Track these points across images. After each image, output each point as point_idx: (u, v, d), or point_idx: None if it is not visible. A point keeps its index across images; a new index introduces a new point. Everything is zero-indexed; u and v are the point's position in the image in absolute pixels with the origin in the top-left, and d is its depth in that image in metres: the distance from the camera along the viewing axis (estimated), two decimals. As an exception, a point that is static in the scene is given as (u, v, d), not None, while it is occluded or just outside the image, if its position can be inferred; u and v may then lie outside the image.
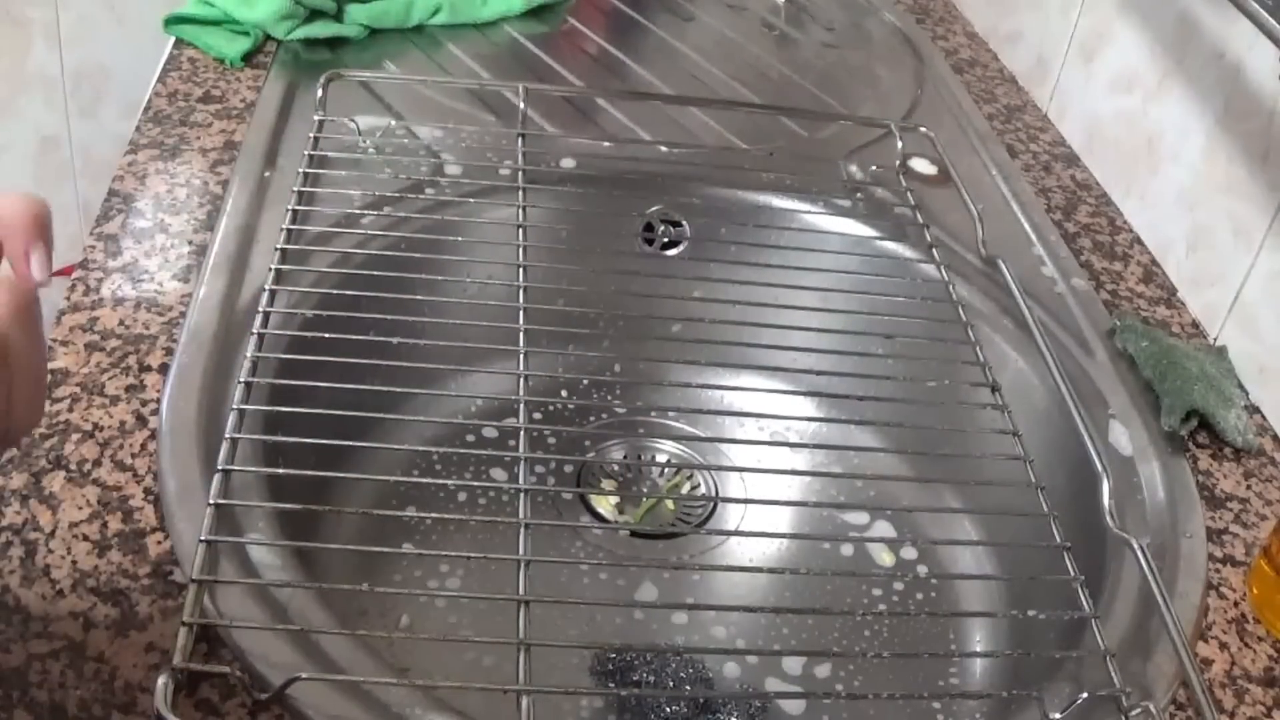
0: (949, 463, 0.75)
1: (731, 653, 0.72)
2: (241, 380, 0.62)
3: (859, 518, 0.82)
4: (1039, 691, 0.55)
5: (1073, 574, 0.60)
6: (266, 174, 0.81)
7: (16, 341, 0.43)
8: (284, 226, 0.73)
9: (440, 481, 0.78)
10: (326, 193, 0.78)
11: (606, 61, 1.05)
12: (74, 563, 0.54)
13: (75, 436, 0.61)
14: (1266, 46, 0.71)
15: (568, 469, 0.83)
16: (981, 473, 0.71)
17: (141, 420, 0.62)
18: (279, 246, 0.71)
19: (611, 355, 0.87)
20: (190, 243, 0.75)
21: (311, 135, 0.80)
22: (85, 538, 0.56)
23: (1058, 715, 0.54)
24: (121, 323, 0.68)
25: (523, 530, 0.56)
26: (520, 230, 0.75)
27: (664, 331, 0.81)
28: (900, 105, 1.05)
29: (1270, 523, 0.69)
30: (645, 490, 0.84)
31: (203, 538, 0.54)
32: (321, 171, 0.79)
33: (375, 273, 0.74)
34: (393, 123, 0.87)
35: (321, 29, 0.98)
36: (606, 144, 0.91)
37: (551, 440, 0.84)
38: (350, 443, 0.63)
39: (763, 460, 0.80)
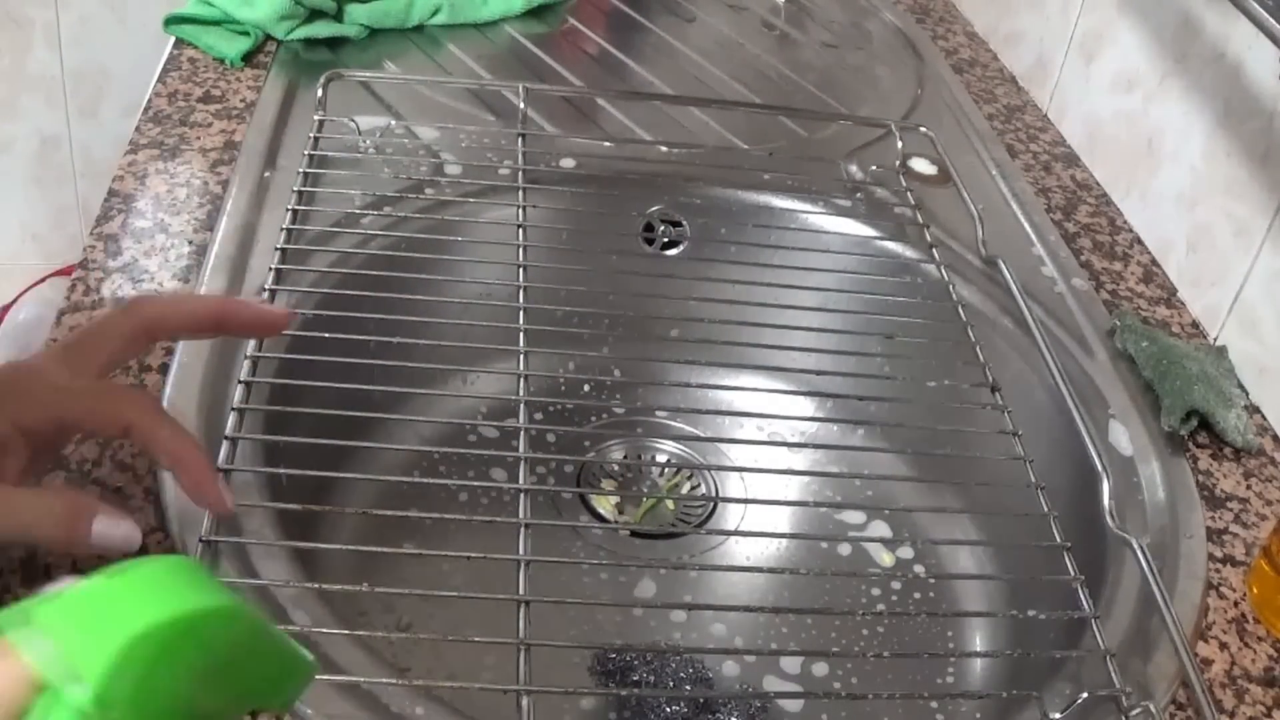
0: (949, 463, 0.75)
1: (731, 652, 0.72)
2: (241, 380, 0.62)
3: (859, 518, 0.82)
4: (1039, 691, 0.56)
5: (1073, 574, 0.60)
6: (266, 174, 0.81)
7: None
8: (284, 226, 0.73)
9: (441, 481, 0.78)
10: (326, 193, 0.78)
11: (606, 61, 1.05)
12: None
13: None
14: (1266, 46, 0.71)
15: (568, 469, 0.83)
16: (982, 473, 0.71)
17: (141, 420, 0.62)
18: (279, 246, 0.71)
19: (611, 355, 0.87)
20: (190, 243, 0.75)
21: (311, 135, 0.80)
22: (85, 538, 0.56)
23: (1058, 715, 0.54)
24: (121, 323, 0.68)
25: (523, 530, 0.56)
26: (520, 230, 0.75)
27: (664, 331, 0.81)
28: (900, 105, 1.05)
29: (1270, 523, 0.69)
30: (645, 490, 0.84)
31: (203, 538, 0.54)
32: (321, 171, 0.79)
33: (375, 273, 0.74)
34: (393, 123, 0.87)
35: (321, 29, 0.98)
36: (606, 144, 0.91)
37: (552, 440, 0.84)
38: (350, 443, 0.63)
39: (763, 460, 0.80)
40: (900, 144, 0.92)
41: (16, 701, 0.26)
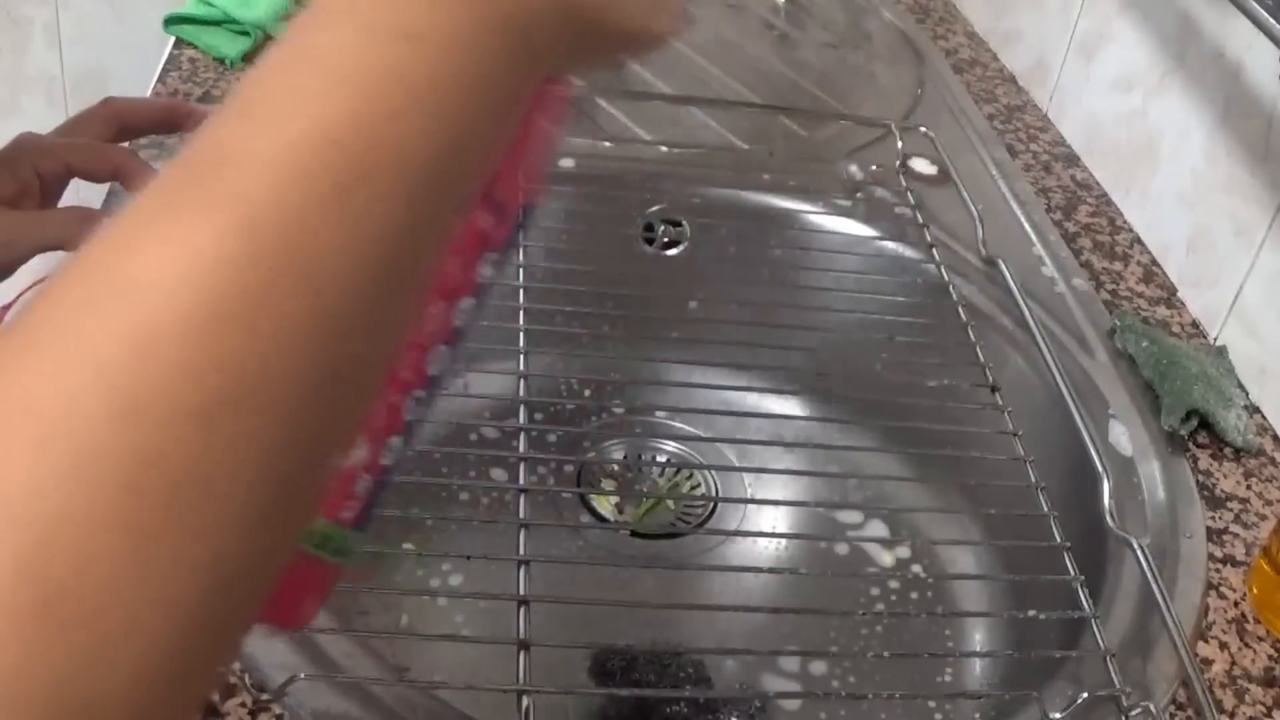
0: (949, 463, 0.75)
1: (731, 652, 0.72)
2: (241, 380, 0.62)
3: (859, 518, 0.82)
4: (1039, 691, 0.56)
5: (1073, 574, 0.60)
6: (266, 174, 0.81)
7: None
8: (284, 226, 0.72)
9: (441, 481, 0.78)
10: (326, 193, 0.78)
11: (606, 61, 1.05)
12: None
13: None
14: (1266, 46, 0.71)
15: (568, 469, 0.83)
16: (982, 473, 0.71)
17: (141, 420, 0.62)
18: (279, 246, 0.71)
19: (611, 355, 0.87)
20: (190, 243, 0.75)
21: (311, 135, 0.80)
22: (85, 537, 0.56)
23: (1058, 715, 0.54)
24: (121, 322, 0.68)
25: (522, 530, 0.56)
26: (520, 230, 0.75)
27: (664, 331, 0.81)
28: (900, 105, 1.05)
29: (1270, 523, 0.69)
30: (645, 490, 0.84)
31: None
32: (321, 171, 0.78)
33: (375, 273, 0.74)
34: (393, 123, 0.87)
35: (321, 29, 0.98)
36: (606, 144, 0.91)
37: (552, 440, 0.84)
38: (350, 443, 0.63)
39: (763, 460, 0.80)
40: (900, 144, 0.92)
41: None
